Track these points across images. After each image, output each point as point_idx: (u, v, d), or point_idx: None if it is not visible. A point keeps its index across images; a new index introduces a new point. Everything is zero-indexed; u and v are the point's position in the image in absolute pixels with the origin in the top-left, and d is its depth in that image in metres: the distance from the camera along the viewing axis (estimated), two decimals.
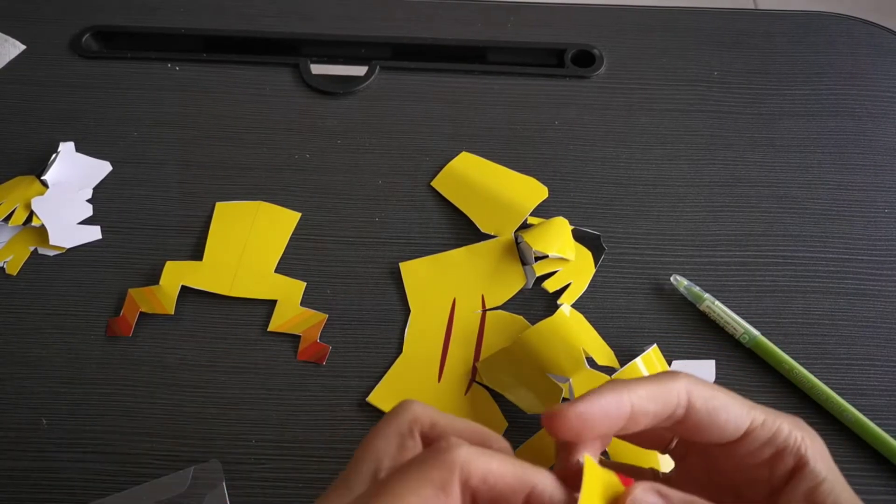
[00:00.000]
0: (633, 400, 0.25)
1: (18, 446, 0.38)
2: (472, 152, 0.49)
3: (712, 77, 0.54)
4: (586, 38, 0.56)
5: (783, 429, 0.27)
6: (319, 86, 0.53)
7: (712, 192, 0.47)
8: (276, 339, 0.41)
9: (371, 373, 0.40)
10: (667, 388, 0.25)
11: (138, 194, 0.47)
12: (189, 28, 0.57)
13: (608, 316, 0.42)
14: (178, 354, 0.41)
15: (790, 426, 0.27)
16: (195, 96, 0.53)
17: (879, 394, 0.39)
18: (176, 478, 0.35)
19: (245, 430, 0.38)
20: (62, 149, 0.48)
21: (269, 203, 0.47)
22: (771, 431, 0.27)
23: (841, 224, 0.46)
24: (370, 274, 0.44)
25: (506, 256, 0.44)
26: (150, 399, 0.39)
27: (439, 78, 0.54)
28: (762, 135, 0.50)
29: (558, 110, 0.52)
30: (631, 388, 0.25)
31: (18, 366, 0.40)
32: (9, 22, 0.57)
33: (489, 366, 0.39)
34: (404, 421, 0.26)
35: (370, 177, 0.48)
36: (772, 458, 0.27)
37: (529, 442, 0.37)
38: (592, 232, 0.44)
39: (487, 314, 0.42)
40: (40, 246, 0.45)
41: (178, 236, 0.45)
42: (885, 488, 0.36)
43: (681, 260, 0.44)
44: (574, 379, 0.37)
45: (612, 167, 0.49)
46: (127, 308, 0.42)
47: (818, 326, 0.42)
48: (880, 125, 0.51)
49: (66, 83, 0.53)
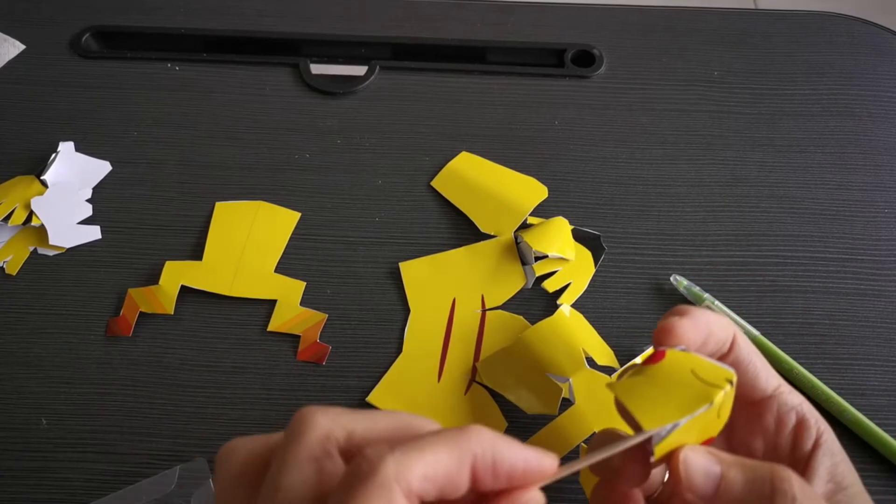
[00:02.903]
0: (710, 323, 0.28)
1: (18, 446, 0.38)
2: (472, 152, 0.49)
3: (712, 77, 0.54)
4: (586, 38, 0.56)
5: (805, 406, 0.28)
6: (319, 86, 0.53)
7: (712, 192, 0.47)
8: (275, 339, 0.41)
9: (371, 373, 0.40)
10: (722, 320, 0.28)
11: (138, 194, 0.47)
12: (189, 28, 0.57)
13: (608, 316, 0.42)
14: (178, 354, 0.41)
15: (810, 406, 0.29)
16: (195, 96, 0.53)
17: (879, 394, 0.39)
18: (162, 477, 0.35)
19: (245, 430, 0.38)
20: (62, 149, 0.48)
21: (269, 203, 0.47)
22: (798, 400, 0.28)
23: (841, 224, 0.46)
24: (370, 274, 0.44)
25: (506, 256, 0.44)
26: (149, 399, 0.39)
27: (439, 78, 0.54)
28: (762, 135, 0.50)
29: (558, 110, 0.52)
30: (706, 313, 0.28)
31: (18, 366, 0.40)
32: (9, 22, 0.57)
33: (489, 366, 0.39)
34: (314, 442, 0.21)
35: (370, 177, 0.48)
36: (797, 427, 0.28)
37: (529, 442, 0.36)
38: (592, 232, 0.44)
39: (487, 314, 0.42)
40: (40, 246, 0.45)
41: (177, 236, 0.45)
42: (886, 488, 0.36)
43: (681, 260, 0.44)
44: (574, 379, 0.37)
45: (612, 167, 0.49)
46: (127, 308, 0.42)
47: (818, 326, 0.42)
48: (880, 125, 0.51)
49: (66, 83, 0.53)
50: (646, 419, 0.23)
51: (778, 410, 0.28)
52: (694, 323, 0.27)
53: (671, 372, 0.25)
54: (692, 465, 0.24)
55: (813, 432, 0.27)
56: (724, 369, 0.25)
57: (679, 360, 0.25)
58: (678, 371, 0.25)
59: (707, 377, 0.24)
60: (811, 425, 0.28)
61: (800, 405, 0.28)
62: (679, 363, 0.25)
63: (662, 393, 0.24)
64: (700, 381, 0.24)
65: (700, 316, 0.27)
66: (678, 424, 0.23)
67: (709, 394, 0.24)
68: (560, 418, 0.37)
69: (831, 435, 0.28)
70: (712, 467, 0.24)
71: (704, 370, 0.25)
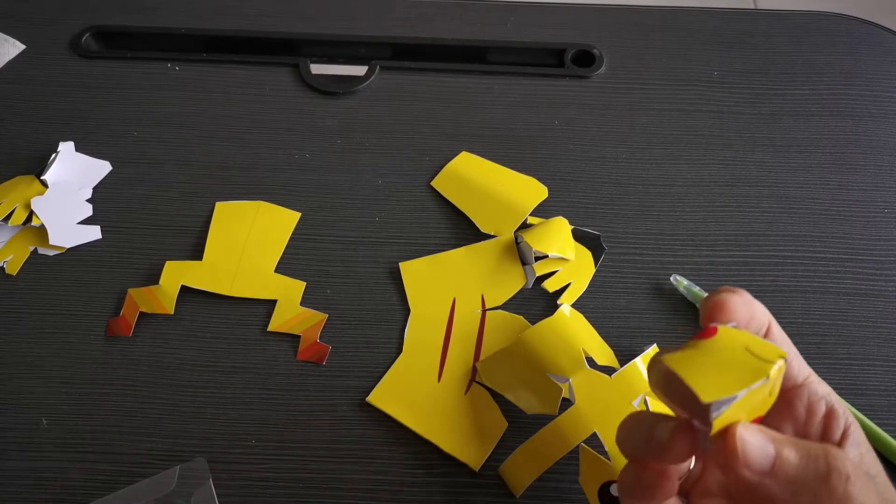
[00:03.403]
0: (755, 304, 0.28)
1: (18, 446, 0.38)
2: (472, 152, 0.49)
3: (712, 77, 0.54)
4: (586, 38, 0.56)
5: (833, 396, 0.28)
6: (319, 86, 0.53)
7: (712, 192, 0.47)
8: (275, 339, 0.41)
9: (371, 373, 0.40)
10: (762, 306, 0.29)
11: (138, 194, 0.47)
12: (189, 28, 0.57)
13: (608, 316, 0.42)
14: (178, 354, 0.41)
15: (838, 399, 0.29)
16: (195, 96, 0.53)
17: (879, 394, 0.39)
18: (162, 477, 0.35)
19: (245, 430, 0.38)
20: (62, 149, 0.48)
21: (269, 203, 0.47)
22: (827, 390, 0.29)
23: (841, 224, 0.46)
24: (370, 274, 0.44)
25: (506, 256, 0.44)
26: (149, 399, 0.39)
27: (439, 78, 0.54)
28: (762, 135, 0.50)
29: (558, 110, 0.52)
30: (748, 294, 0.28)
31: (18, 366, 0.40)
32: (9, 22, 0.57)
33: (489, 366, 0.39)
34: None
35: (370, 177, 0.48)
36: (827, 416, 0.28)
37: (529, 442, 0.37)
38: (592, 232, 0.44)
39: (487, 314, 0.42)
40: (40, 246, 0.45)
41: (178, 236, 0.45)
42: None
43: (681, 260, 0.44)
44: (574, 379, 0.37)
45: (612, 167, 0.49)
46: (127, 308, 0.42)
47: (818, 326, 0.42)
48: (880, 125, 0.51)
49: (66, 83, 0.53)
50: (703, 391, 0.23)
51: (809, 399, 0.28)
52: (744, 301, 0.28)
53: (725, 347, 0.25)
54: (749, 441, 0.24)
55: (842, 422, 0.27)
56: (776, 347, 0.25)
57: (732, 336, 0.26)
58: (732, 346, 0.25)
59: (761, 353, 0.24)
60: (840, 415, 0.28)
61: (828, 395, 0.28)
62: (732, 339, 0.26)
63: (717, 366, 0.24)
64: (754, 356, 0.24)
65: (747, 296, 0.28)
66: (736, 397, 0.23)
67: (764, 368, 0.24)
68: (560, 418, 0.37)
69: (858, 426, 0.28)
70: (767, 445, 0.24)
71: (757, 346, 0.25)
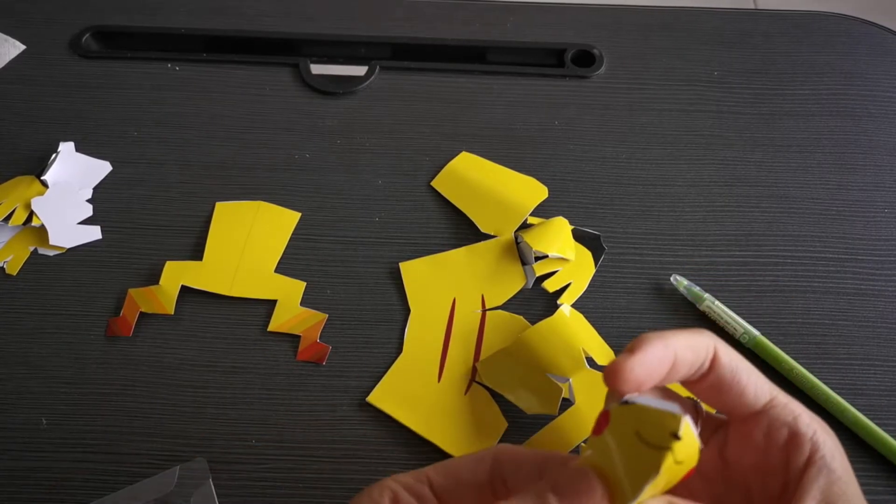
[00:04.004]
0: (676, 349, 0.25)
1: (18, 446, 0.38)
2: (472, 152, 0.49)
3: (712, 77, 0.54)
4: (586, 38, 0.56)
5: (803, 417, 0.27)
6: (319, 86, 0.53)
7: (712, 192, 0.47)
8: (275, 339, 0.41)
9: (371, 373, 0.40)
10: (697, 338, 0.26)
11: (138, 194, 0.47)
12: (189, 28, 0.57)
13: (608, 316, 0.42)
14: (178, 354, 0.41)
15: (810, 418, 0.27)
16: (195, 96, 0.53)
17: (879, 394, 0.39)
18: (162, 477, 0.35)
19: (245, 430, 0.38)
20: (62, 149, 0.48)
21: (269, 203, 0.47)
22: (792, 415, 0.27)
23: (841, 224, 0.46)
24: (370, 274, 0.44)
25: (506, 256, 0.44)
26: (149, 399, 0.39)
27: (439, 78, 0.54)
28: (762, 135, 0.50)
29: (558, 110, 0.52)
30: (670, 338, 0.25)
31: (18, 366, 0.40)
32: (9, 22, 0.57)
33: (489, 366, 0.39)
34: None
35: (370, 177, 0.48)
36: (788, 444, 0.26)
37: (529, 442, 0.37)
38: (592, 232, 0.44)
39: (487, 314, 0.42)
40: (40, 246, 0.45)
41: (178, 236, 0.45)
42: (886, 488, 0.36)
43: (681, 260, 0.44)
44: (574, 379, 0.37)
45: (612, 167, 0.49)
46: (127, 308, 0.42)
47: (818, 326, 0.42)
48: (880, 125, 0.51)
49: (66, 83, 0.53)
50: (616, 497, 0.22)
51: (768, 427, 0.27)
52: (644, 359, 0.24)
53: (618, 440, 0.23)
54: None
55: (806, 449, 0.26)
56: (669, 418, 0.22)
57: (624, 422, 0.23)
58: (623, 436, 0.23)
59: (652, 437, 0.22)
60: (804, 441, 0.26)
61: (794, 420, 0.26)
62: (624, 425, 0.23)
63: (621, 460, 0.23)
64: (646, 444, 0.22)
65: (656, 346, 0.25)
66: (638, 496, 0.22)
67: (656, 461, 0.22)
68: (560, 418, 0.37)
69: (830, 450, 0.26)
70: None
71: (650, 427, 0.22)
